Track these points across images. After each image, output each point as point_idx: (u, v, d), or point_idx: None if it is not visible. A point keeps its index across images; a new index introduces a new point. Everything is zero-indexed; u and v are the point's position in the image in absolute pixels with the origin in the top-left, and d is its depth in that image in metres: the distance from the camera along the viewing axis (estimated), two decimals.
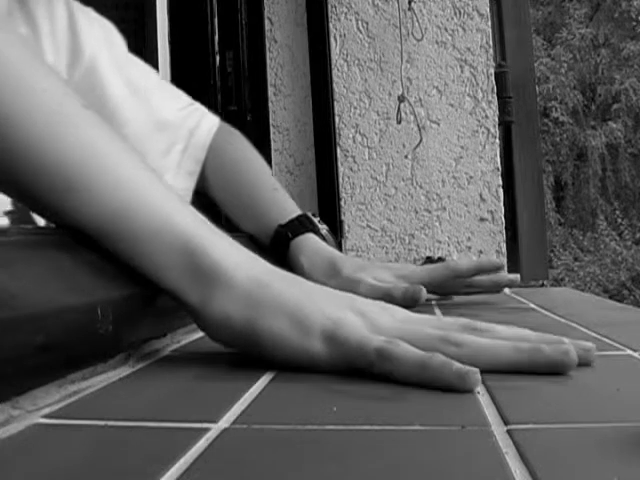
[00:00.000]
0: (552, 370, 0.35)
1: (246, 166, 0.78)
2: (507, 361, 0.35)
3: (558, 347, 0.35)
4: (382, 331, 0.36)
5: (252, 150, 0.81)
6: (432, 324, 0.38)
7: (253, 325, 0.36)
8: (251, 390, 0.33)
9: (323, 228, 0.73)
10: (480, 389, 0.33)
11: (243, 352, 0.38)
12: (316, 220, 0.73)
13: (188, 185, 0.77)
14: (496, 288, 0.71)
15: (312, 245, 0.70)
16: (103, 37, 0.71)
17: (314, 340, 0.36)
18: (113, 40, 0.73)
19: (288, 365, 0.37)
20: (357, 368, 0.35)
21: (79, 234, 0.38)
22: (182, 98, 0.80)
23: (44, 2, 0.65)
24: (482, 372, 0.33)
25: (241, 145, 0.80)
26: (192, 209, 0.40)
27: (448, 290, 0.72)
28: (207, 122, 0.78)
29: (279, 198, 0.75)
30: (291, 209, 0.74)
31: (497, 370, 0.35)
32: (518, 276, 0.70)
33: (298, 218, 0.72)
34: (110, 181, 0.37)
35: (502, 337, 0.37)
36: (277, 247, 0.71)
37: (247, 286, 0.37)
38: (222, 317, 0.37)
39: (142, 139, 0.72)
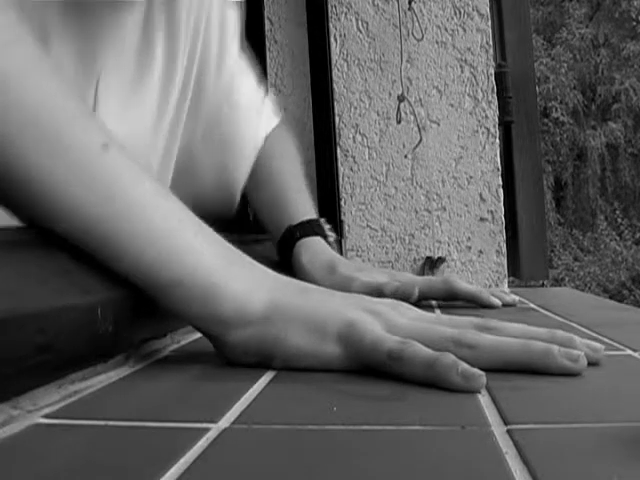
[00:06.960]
0: (561, 373, 0.35)
1: (277, 164, 0.79)
2: (518, 361, 0.35)
3: (570, 353, 0.35)
4: (397, 330, 0.36)
5: (290, 149, 0.82)
6: (444, 323, 0.39)
7: (270, 344, 0.37)
8: (251, 390, 0.33)
9: (331, 236, 0.74)
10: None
11: (256, 366, 0.38)
12: (327, 227, 0.74)
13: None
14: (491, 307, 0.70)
15: (315, 246, 0.70)
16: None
17: (329, 343, 0.36)
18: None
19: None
20: (370, 367, 0.35)
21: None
22: (263, 92, 0.82)
23: None
24: (485, 370, 0.33)
25: (281, 145, 0.81)
26: (210, 236, 0.39)
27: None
28: (266, 124, 0.80)
29: (298, 200, 0.75)
30: (305, 212, 0.74)
31: (508, 369, 0.35)
32: (516, 298, 0.69)
33: (309, 221, 0.72)
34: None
35: (514, 335, 0.37)
36: (284, 246, 0.72)
37: (263, 313, 0.37)
38: (240, 347, 0.37)
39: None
